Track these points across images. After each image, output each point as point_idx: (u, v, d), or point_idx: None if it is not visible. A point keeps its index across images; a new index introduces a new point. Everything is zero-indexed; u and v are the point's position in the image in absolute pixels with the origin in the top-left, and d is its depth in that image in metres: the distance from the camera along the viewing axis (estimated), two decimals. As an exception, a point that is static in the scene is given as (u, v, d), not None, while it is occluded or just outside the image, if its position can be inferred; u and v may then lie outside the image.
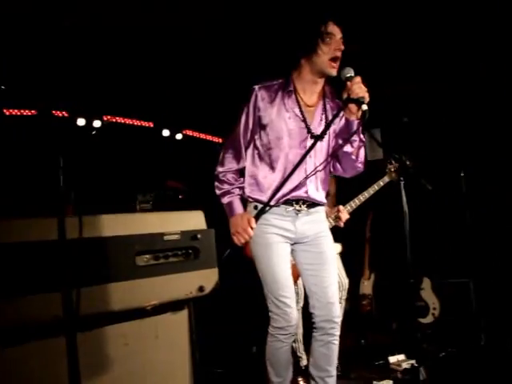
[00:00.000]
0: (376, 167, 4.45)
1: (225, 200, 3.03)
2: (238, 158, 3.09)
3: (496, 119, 5.78)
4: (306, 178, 3.01)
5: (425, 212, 5.73)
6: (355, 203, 4.26)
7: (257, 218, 2.89)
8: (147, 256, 2.69)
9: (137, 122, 6.68)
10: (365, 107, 2.73)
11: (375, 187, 4.32)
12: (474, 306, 5.08)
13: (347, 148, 2.98)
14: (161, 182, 4.80)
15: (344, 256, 4.54)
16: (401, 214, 3.13)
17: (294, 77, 3.08)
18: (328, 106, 3.12)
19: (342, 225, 4.10)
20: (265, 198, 2.96)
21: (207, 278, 2.90)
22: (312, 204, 3.07)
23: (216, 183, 3.09)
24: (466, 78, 5.74)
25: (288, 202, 3.01)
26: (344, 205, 4.23)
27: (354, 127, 2.87)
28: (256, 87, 3.04)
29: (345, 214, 4.12)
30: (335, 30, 2.92)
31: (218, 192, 3.07)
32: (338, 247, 4.42)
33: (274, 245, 2.91)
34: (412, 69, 5.60)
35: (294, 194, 3.01)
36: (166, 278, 2.73)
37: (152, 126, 6.82)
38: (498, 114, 5.78)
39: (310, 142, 3.00)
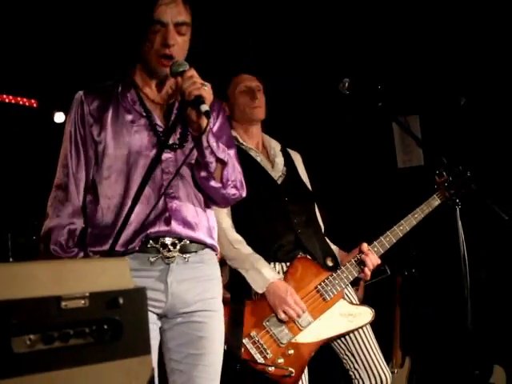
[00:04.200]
0: (414, 180, 3.14)
1: None
2: (67, 198, 2.41)
3: None
4: (165, 201, 2.33)
5: (495, 258, 4.31)
6: (388, 241, 2.88)
7: None
8: (32, 336, 1.75)
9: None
10: (205, 108, 2.17)
11: (417, 215, 2.91)
12: None
13: (202, 173, 2.37)
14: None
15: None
16: (455, 261, 2.02)
17: (132, 71, 2.54)
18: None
19: (368, 276, 2.87)
20: (108, 246, 2.21)
21: (134, 374, 1.82)
22: (190, 244, 2.36)
23: (43, 246, 2.41)
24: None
25: (148, 247, 2.29)
26: (369, 243, 2.93)
27: (204, 143, 2.27)
28: (80, 92, 2.46)
29: (373, 257, 2.86)
30: (166, 15, 2.32)
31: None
32: (368, 314, 2.97)
33: None
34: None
35: (151, 229, 2.29)
36: (63, 374, 1.73)
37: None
38: None
39: (165, 154, 2.40)
